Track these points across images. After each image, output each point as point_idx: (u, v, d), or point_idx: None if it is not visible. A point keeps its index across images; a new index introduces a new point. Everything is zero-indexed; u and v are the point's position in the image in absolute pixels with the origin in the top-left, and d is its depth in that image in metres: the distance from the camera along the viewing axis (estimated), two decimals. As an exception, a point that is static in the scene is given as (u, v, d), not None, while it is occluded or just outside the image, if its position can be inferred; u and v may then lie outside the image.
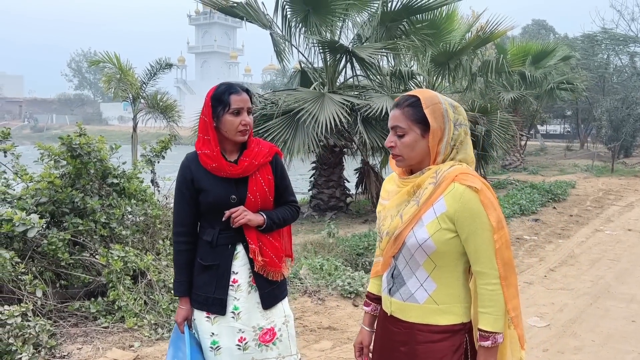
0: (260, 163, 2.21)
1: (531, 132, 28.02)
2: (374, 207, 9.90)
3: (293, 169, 9.38)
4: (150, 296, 4.17)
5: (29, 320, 3.42)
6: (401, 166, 1.83)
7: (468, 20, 14.46)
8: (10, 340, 3.25)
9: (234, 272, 2.19)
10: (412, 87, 11.23)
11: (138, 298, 4.07)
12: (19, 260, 3.69)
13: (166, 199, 5.13)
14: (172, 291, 2.43)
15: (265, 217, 2.20)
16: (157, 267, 4.40)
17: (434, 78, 12.30)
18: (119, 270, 4.02)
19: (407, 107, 1.75)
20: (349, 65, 9.13)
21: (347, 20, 9.58)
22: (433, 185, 1.72)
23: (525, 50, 17.31)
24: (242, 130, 2.14)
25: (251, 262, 2.20)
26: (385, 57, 9.45)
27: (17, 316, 3.32)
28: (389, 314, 1.85)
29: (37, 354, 3.32)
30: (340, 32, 9.44)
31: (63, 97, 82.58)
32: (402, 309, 1.80)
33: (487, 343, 1.69)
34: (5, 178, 4.19)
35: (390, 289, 1.85)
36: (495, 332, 1.69)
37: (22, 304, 3.44)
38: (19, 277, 3.58)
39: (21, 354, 3.24)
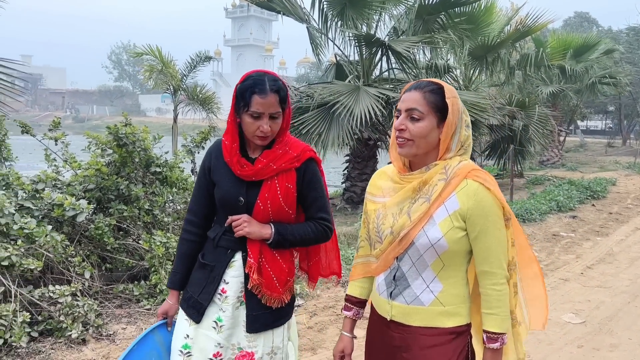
0: (280, 168, 1.91)
1: (570, 127, 27.34)
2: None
3: (326, 162, 9.47)
4: (190, 281, 4.33)
5: (78, 300, 3.61)
6: (406, 153, 1.69)
7: (507, 13, 14.25)
8: (61, 318, 3.45)
9: (224, 280, 1.94)
10: (448, 81, 11.17)
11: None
12: (68, 243, 3.89)
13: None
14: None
15: (273, 230, 1.92)
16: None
17: (471, 71, 12.18)
18: (160, 255, 4.19)
19: (429, 92, 1.66)
20: (384, 58, 9.13)
21: (383, 14, 9.56)
22: (444, 182, 1.64)
23: (567, 43, 16.88)
24: (260, 135, 1.87)
25: (247, 276, 1.92)
26: (421, 51, 9.41)
27: (67, 295, 3.51)
28: (388, 319, 1.75)
29: (85, 332, 3.50)
30: (377, 26, 9.44)
31: (103, 88, 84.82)
32: (405, 313, 1.71)
33: (495, 345, 1.63)
34: (55, 165, 4.41)
35: (391, 293, 1.74)
36: (503, 333, 1.64)
37: (71, 285, 3.64)
38: (69, 259, 3.77)
39: (71, 331, 3.43)
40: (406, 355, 1.70)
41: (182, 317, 1.99)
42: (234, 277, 1.93)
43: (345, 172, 10.57)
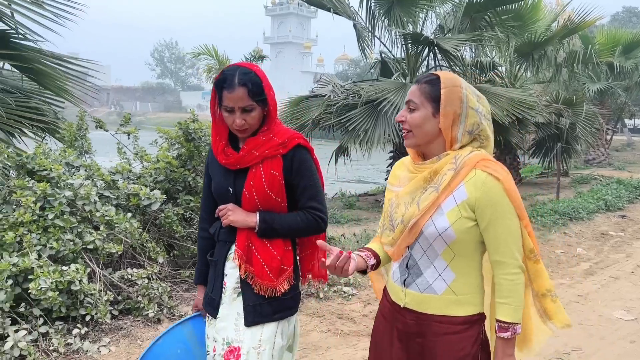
0: (263, 155, 1.89)
1: (618, 126, 26.56)
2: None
3: (364, 159, 9.59)
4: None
5: (152, 283, 3.90)
6: (409, 144, 1.75)
7: (553, 9, 14.03)
8: (139, 299, 3.74)
9: (225, 274, 1.97)
10: (493, 78, 11.14)
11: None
12: (141, 230, 4.19)
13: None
14: None
15: (258, 218, 1.90)
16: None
17: (517, 68, 12.08)
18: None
19: (424, 84, 1.70)
20: (430, 55, 9.20)
21: (429, 12, 9.62)
22: (453, 172, 1.65)
23: (615, 39, 16.44)
24: (237, 129, 1.89)
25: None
26: (468, 48, 9.43)
27: (144, 278, 3.80)
28: (402, 306, 1.76)
29: (160, 312, 3.79)
30: (423, 23, 9.50)
31: (146, 85, 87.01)
32: (419, 300, 1.72)
33: (507, 334, 1.63)
34: (126, 158, 4.72)
35: (404, 280, 1.76)
36: (515, 323, 1.64)
37: (147, 268, 3.93)
38: (144, 244, 4.07)
39: (147, 310, 3.72)
40: (420, 340, 1.72)
41: (205, 317, 2.06)
42: (231, 268, 1.95)
43: (389, 168, 10.69)
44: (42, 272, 3.25)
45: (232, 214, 1.91)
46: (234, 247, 1.94)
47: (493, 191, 1.62)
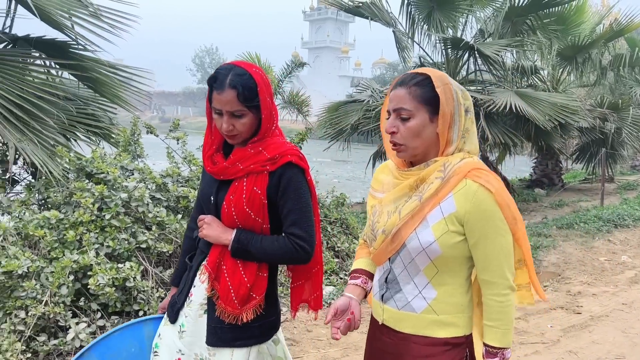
0: (248, 169, 1.73)
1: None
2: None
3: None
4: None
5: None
6: (403, 157, 1.59)
7: (598, 10, 13.69)
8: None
9: (194, 284, 1.85)
10: (535, 82, 10.99)
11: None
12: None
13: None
14: None
15: (233, 237, 1.74)
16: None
17: (559, 72, 11.87)
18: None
19: (414, 86, 1.51)
20: (470, 60, 9.17)
21: (469, 16, 9.60)
22: (440, 180, 1.50)
23: (664, 41, 15.91)
24: (226, 134, 1.74)
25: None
26: (510, 52, 9.36)
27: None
28: (380, 322, 1.65)
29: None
30: (464, 28, 9.49)
31: (187, 90, 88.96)
32: (396, 318, 1.60)
33: None
34: (175, 162, 4.93)
35: (382, 295, 1.63)
36: (504, 348, 1.52)
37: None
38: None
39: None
40: None
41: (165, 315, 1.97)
42: (200, 282, 1.82)
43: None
44: (100, 269, 3.46)
45: (207, 228, 1.78)
46: (206, 261, 1.81)
47: (485, 204, 1.47)
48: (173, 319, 1.88)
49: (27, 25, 4.52)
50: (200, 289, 1.82)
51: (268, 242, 1.75)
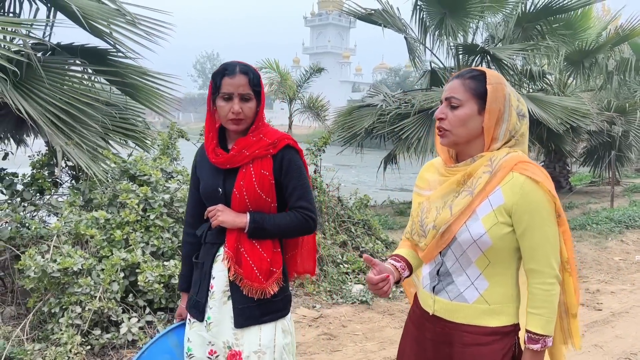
0: (253, 155, 1.88)
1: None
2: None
3: (406, 166, 9.77)
4: (322, 268, 4.86)
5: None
6: (445, 143, 1.64)
7: (602, 17, 13.91)
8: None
9: (212, 276, 1.93)
10: (544, 86, 11.17)
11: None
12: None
13: (327, 186, 5.83)
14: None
15: (248, 219, 1.88)
16: (325, 244, 5.09)
17: (566, 77, 12.06)
18: (298, 245, 4.74)
19: (469, 79, 1.61)
20: (482, 65, 9.34)
21: (480, 22, 9.79)
22: (488, 175, 1.56)
23: (667, 46, 16.11)
24: (232, 119, 1.86)
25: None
26: (520, 57, 9.53)
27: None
28: (430, 313, 1.69)
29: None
30: (474, 33, 9.68)
31: (188, 96, 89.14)
32: (448, 308, 1.64)
33: (537, 346, 1.56)
34: (183, 166, 5.04)
35: (434, 287, 1.68)
36: (546, 335, 1.55)
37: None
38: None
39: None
40: (448, 350, 1.65)
41: (187, 320, 2.03)
42: (219, 271, 1.92)
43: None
44: (148, 267, 3.61)
45: (222, 214, 1.87)
46: (222, 249, 1.92)
47: (531, 195, 1.52)
48: (201, 317, 1.94)
49: (62, 33, 4.70)
50: (220, 278, 1.91)
51: (280, 218, 1.91)
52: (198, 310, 1.95)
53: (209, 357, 1.96)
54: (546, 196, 1.53)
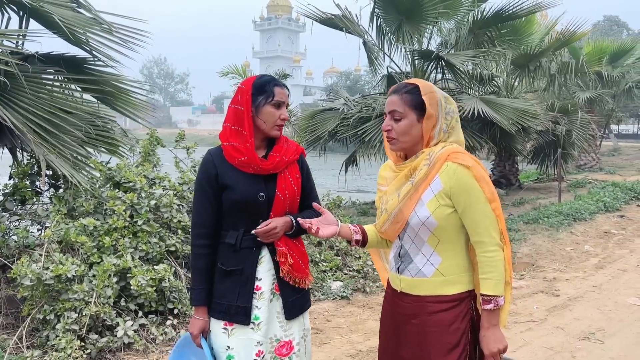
0: (290, 160, 2.09)
1: (605, 132, 27.46)
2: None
3: (364, 168, 10.13)
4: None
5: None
6: (395, 149, 1.94)
7: (543, 22, 14.75)
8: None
9: (257, 278, 2.03)
10: (494, 89, 11.76)
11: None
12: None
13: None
14: (190, 300, 2.18)
15: (292, 220, 2.06)
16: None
17: (513, 80, 12.74)
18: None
19: (405, 94, 1.87)
20: (436, 69, 9.76)
21: (434, 27, 10.22)
22: (427, 166, 1.83)
23: (602, 49, 17.24)
24: (280, 124, 2.06)
25: (276, 267, 2.05)
26: (470, 62, 10.03)
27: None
28: (398, 291, 1.96)
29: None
30: (429, 40, 10.10)
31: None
32: (411, 284, 1.90)
33: (490, 306, 1.79)
34: (183, 171, 5.17)
35: (398, 268, 1.95)
36: (497, 295, 1.79)
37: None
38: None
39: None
40: (415, 321, 1.89)
41: (218, 331, 2.03)
42: (265, 271, 2.03)
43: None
44: (138, 271, 3.70)
45: (279, 229, 2.01)
46: (264, 251, 2.03)
47: (464, 179, 1.79)
48: (247, 321, 2.00)
49: (37, 42, 4.67)
50: (267, 278, 2.03)
51: (307, 215, 2.09)
52: (245, 315, 1.99)
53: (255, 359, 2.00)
54: (476, 178, 1.80)
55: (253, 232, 2.00)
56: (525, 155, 12.82)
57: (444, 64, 9.21)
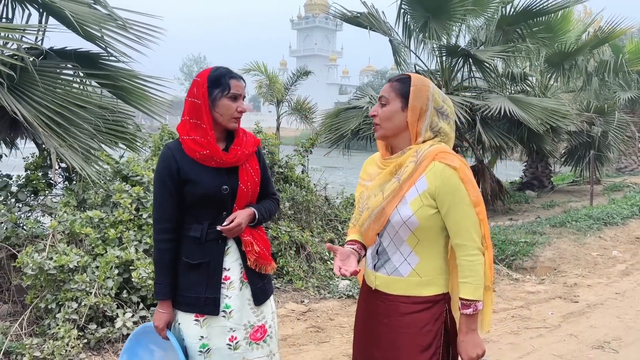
0: (249, 152, 2.11)
1: (650, 134, 26.36)
2: (485, 204, 10.24)
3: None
4: (310, 265, 5.02)
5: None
6: (378, 136, 1.89)
7: (582, 18, 14.25)
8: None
9: (225, 268, 2.06)
10: (525, 88, 11.45)
11: (302, 265, 4.94)
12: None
13: (315, 186, 5.99)
14: (153, 294, 2.22)
15: (255, 211, 2.11)
16: (313, 242, 5.25)
17: (547, 78, 12.37)
18: (286, 242, 4.90)
19: (396, 82, 1.86)
20: (464, 67, 9.57)
21: (463, 25, 10.02)
22: (414, 164, 1.78)
23: (645, 48, 16.52)
24: (237, 116, 2.05)
25: (243, 257, 2.09)
26: (500, 60, 9.78)
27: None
28: (373, 289, 1.91)
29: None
30: (457, 37, 9.90)
31: (176, 99, 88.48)
32: (386, 283, 1.86)
33: (469, 311, 1.76)
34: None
35: (375, 265, 1.91)
36: (476, 300, 1.76)
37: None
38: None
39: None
40: (387, 321, 1.86)
41: (189, 323, 2.05)
42: (232, 261, 2.06)
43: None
44: (141, 264, 3.74)
45: (242, 224, 2.03)
46: (230, 242, 2.06)
47: (450, 180, 1.74)
48: (217, 311, 2.03)
49: (55, 37, 4.80)
50: (235, 267, 2.07)
51: (267, 205, 2.20)
52: (214, 306, 2.02)
53: (228, 345, 2.05)
54: (462, 180, 1.76)
55: (219, 228, 2.01)
56: (555, 157, 12.42)
57: (471, 60, 9.03)
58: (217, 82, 2.02)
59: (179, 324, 2.07)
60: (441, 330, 1.83)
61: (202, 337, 2.04)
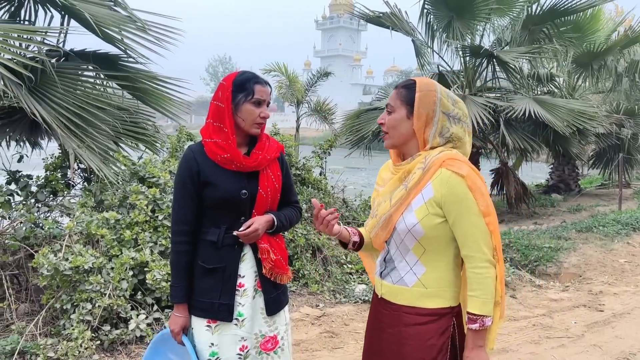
0: (271, 157, 2.08)
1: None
2: (509, 207, 10.06)
3: None
4: (327, 268, 4.97)
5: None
6: (387, 144, 1.86)
7: (612, 17, 13.85)
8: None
9: (240, 275, 2.02)
10: (551, 89, 11.19)
11: (318, 269, 4.89)
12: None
13: (332, 188, 5.94)
14: (169, 297, 2.17)
15: (274, 218, 2.07)
16: (329, 245, 5.19)
17: (575, 79, 12.06)
18: (302, 245, 4.85)
19: (402, 89, 1.81)
20: (488, 68, 9.39)
21: (487, 25, 9.84)
22: (421, 171, 1.73)
23: (679, 47, 16.00)
24: (260, 122, 2.03)
25: (258, 264, 2.05)
26: (526, 61, 9.57)
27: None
28: (379, 296, 1.88)
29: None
30: (481, 37, 9.73)
31: (201, 99, 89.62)
32: (392, 291, 1.82)
33: (475, 326, 1.68)
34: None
35: (381, 272, 1.87)
36: (484, 315, 1.67)
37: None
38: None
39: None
40: (391, 330, 1.81)
41: (200, 329, 2.02)
42: (247, 269, 2.03)
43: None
44: (155, 265, 3.74)
45: (259, 229, 1.99)
46: (246, 249, 2.03)
47: (457, 188, 1.67)
48: (230, 318, 2.00)
49: (75, 39, 4.85)
50: (250, 275, 2.04)
51: (287, 213, 2.16)
52: (228, 312, 2.00)
53: (239, 355, 2.02)
54: (470, 188, 1.68)
55: (235, 233, 1.98)
56: (583, 159, 12.11)
57: (495, 61, 8.85)
58: (241, 87, 2.01)
59: (193, 329, 2.06)
60: (447, 345, 1.75)
61: (212, 344, 2.01)
